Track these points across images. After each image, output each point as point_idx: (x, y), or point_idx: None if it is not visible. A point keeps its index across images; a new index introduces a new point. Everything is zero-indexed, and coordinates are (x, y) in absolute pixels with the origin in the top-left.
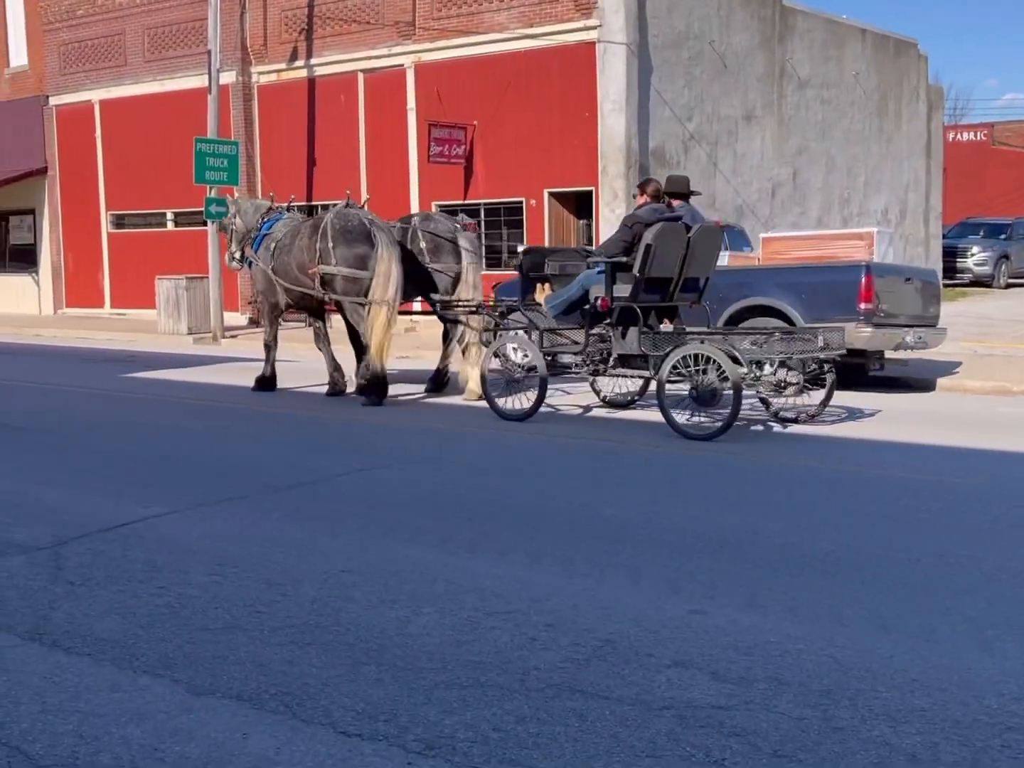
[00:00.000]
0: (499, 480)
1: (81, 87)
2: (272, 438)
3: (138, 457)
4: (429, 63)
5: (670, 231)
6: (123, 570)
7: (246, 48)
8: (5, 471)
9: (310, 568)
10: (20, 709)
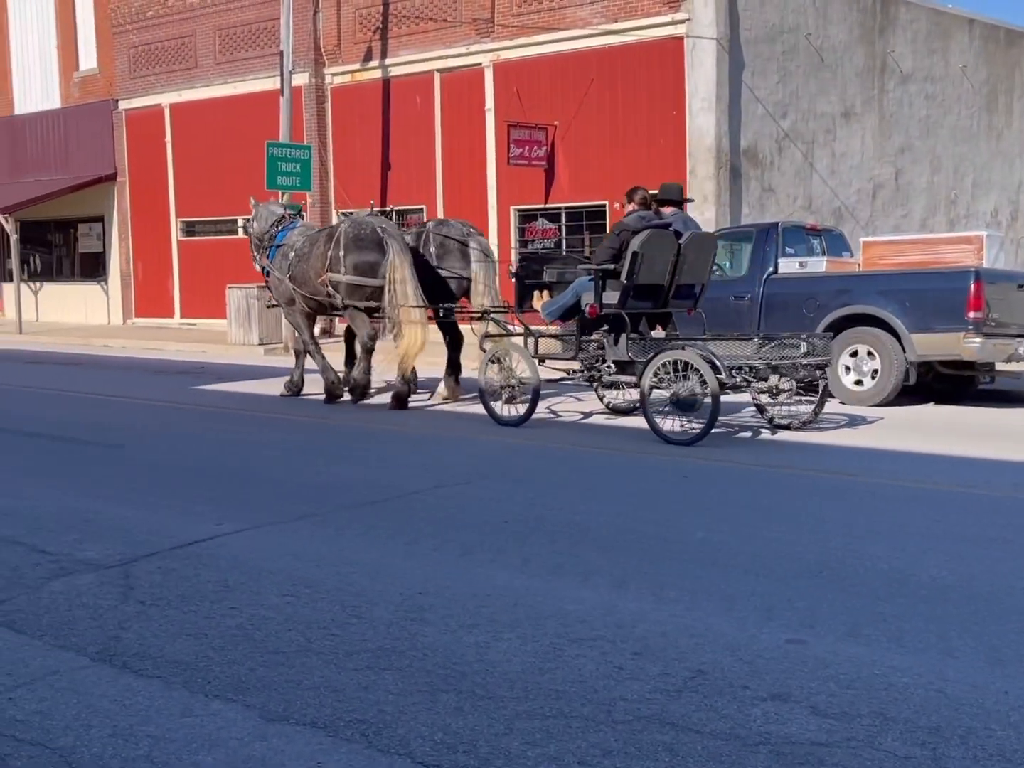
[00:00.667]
0: (581, 499)
1: (151, 90)
2: (344, 453)
3: (209, 472)
4: (508, 61)
5: (657, 238)
6: (195, 590)
7: (319, 48)
8: (74, 487)
9: (385, 589)
10: (91, 733)
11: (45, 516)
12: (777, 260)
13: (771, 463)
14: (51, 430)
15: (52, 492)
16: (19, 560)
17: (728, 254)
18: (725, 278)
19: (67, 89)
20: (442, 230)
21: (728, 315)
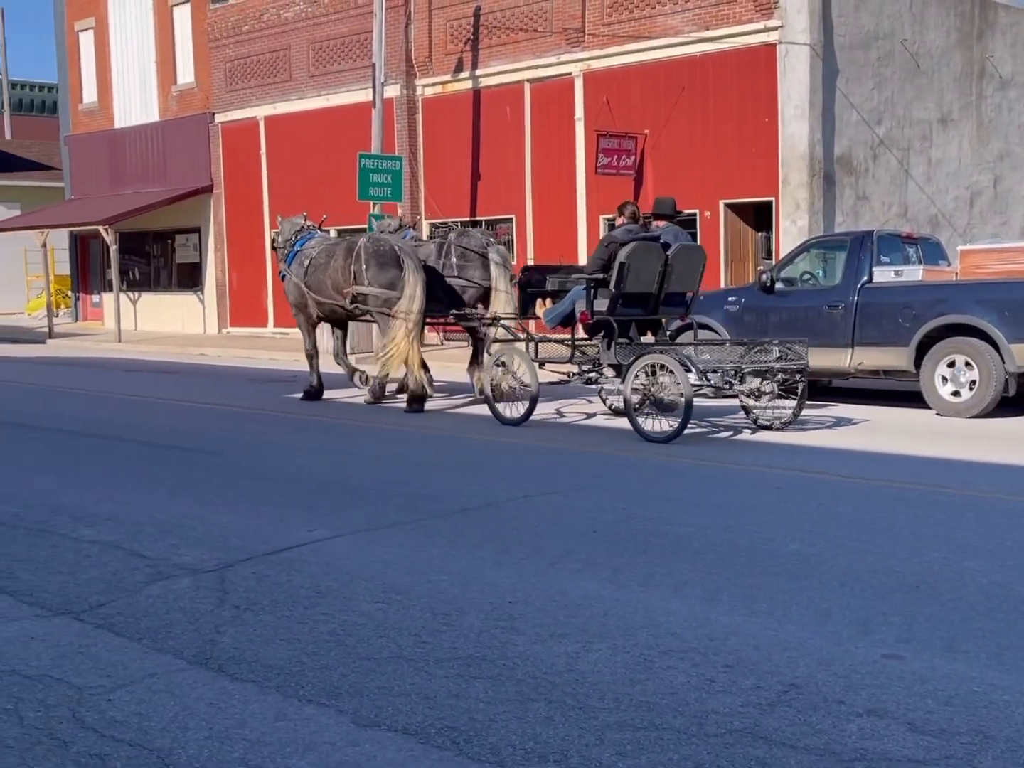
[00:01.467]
0: (672, 510)
1: (246, 103)
2: (433, 461)
3: (302, 480)
4: (598, 71)
5: (644, 250)
6: (288, 595)
7: (411, 60)
8: (172, 493)
9: (475, 598)
10: (187, 735)
11: (144, 521)
12: (872, 269)
13: (867, 476)
14: (150, 437)
15: (151, 498)
16: (119, 564)
17: (821, 263)
18: (819, 287)
19: (165, 103)
20: (462, 241)
21: (821, 324)
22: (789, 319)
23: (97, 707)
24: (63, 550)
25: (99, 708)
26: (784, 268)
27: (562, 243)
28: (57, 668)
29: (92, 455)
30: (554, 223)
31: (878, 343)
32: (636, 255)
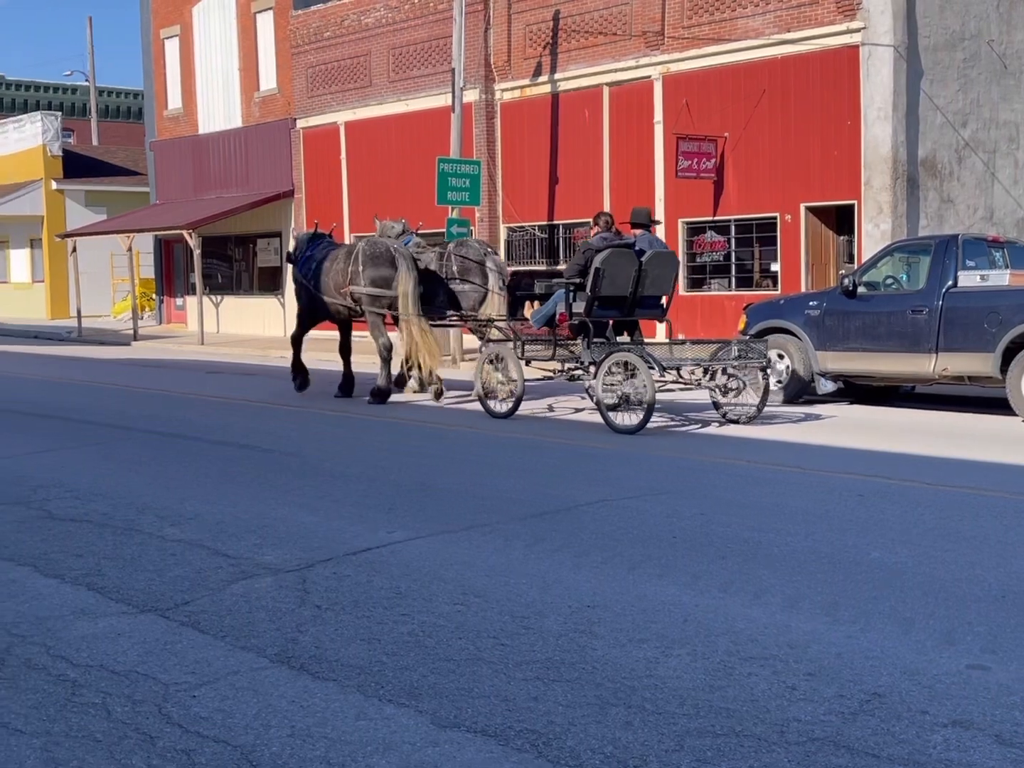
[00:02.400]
0: (751, 516)
1: (327, 109)
2: (513, 464)
3: (380, 481)
4: (678, 73)
5: (617, 256)
6: (368, 596)
7: (489, 65)
8: (254, 493)
9: (554, 601)
10: (270, 732)
11: (227, 520)
12: (957, 273)
13: (954, 484)
14: (232, 438)
15: (233, 497)
16: (203, 563)
17: (905, 267)
18: (902, 291)
19: (248, 109)
20: (461, 251)
21: (905, 329)
22: (872, 324)
23: (182, 703)
24: (149, 548)
25: (184, 704)
26: (867, 272)
27: None
28: (143, 664)
29: (176, 455)
30: None
31: (963, 348)
32: (610, 261)
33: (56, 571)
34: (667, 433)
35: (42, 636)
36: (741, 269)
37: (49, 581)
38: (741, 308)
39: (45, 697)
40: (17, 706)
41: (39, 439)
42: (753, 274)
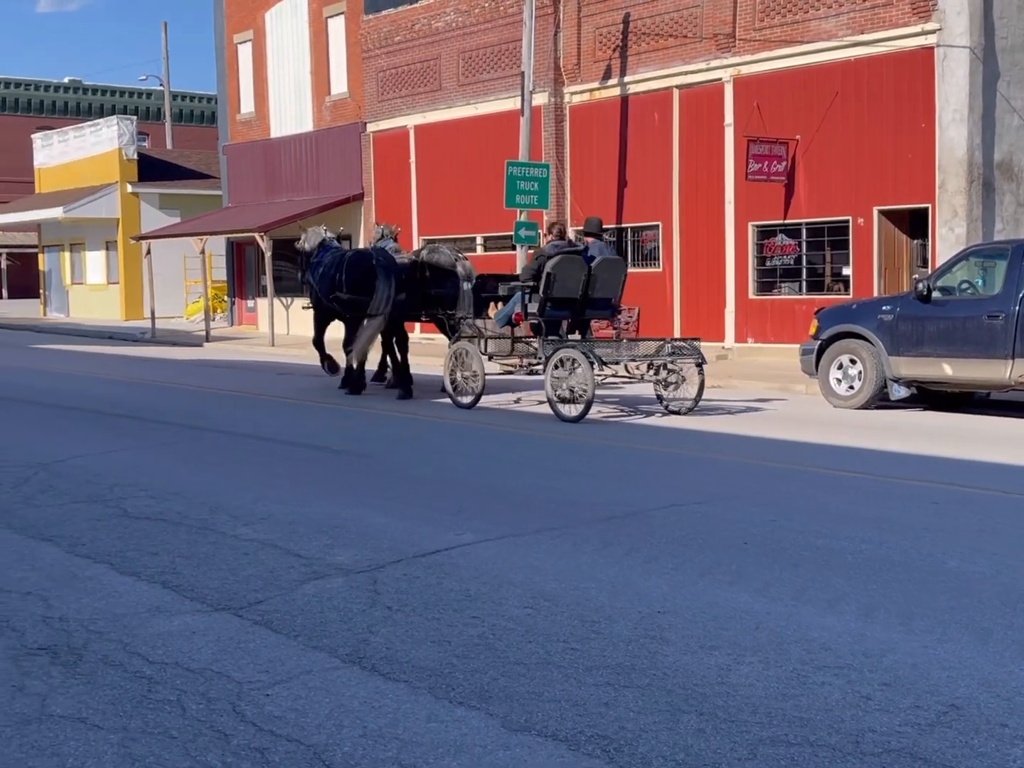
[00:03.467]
0: (825, 523)
1: (397, 113)
2: (581, 468)
3: (449, 483)
4: (749, 76)
5: (567, 262)
6: (438, 598)
7: (559, 68)
8: (325, 494)
9: (624, 606)
10: (342, 732)
11: (299, 521)
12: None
13: None
14: (305, 439)
15: (305, 498)
16: (275, 562)
17: (980, 271)
18: (978, 296)
19: (319, 113)
20: (433, 258)
21: (980, 334)
22: (946, 329)
23: (256, 702)
24: (222, 548)
25: (258, 703)
26: (941, 277)
27: (709, 250)
28: (218, 662)
29: (249, 455)
30: (701, 230)
31: None
32: (561, 266)
33: (132, 569)
34: (731, 438)
35: (119, 633)
36: (812, 273)
37: (125, 579)
38: (812, 312)
39: (122, 693)
40: (95, 702)
41: (114, 438)
42: (824, 278)
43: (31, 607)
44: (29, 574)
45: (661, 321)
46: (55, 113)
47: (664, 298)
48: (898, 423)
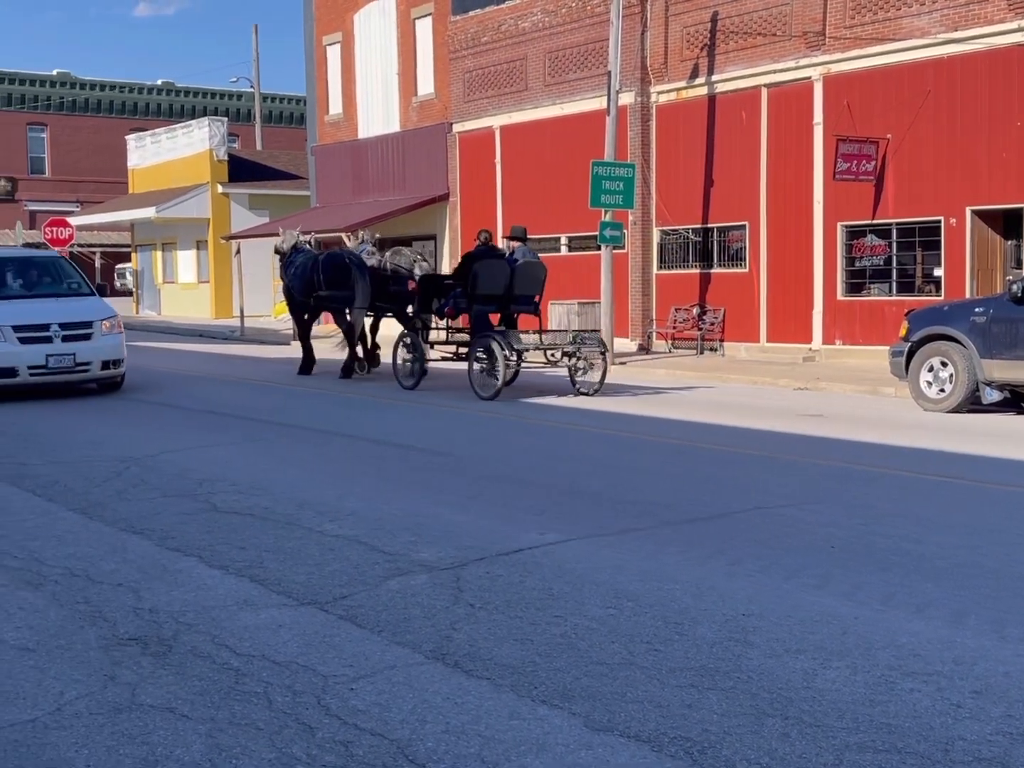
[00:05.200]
0: (914, 527)
1: (483, 113)
2: (663, 469)
3: (530, 482)
4: (839, 74)
5: (490, 264)
6: (521, 596)
7: (646, 67)
8: (409, 491)
9: (708, 608)
10: (425, 728)
11: (384, 518)
12: None
13: None
14: (389, 437)
15: (390, 495)
16: (360, 558)
17: None
18: None
19: (406, 114)
20: (395, 260)
21: None
22: None
23: (340, 695)
24: (308, 543)
25: (342, 696)
26: None
27: (797, 250)
28: (303, 656)
29: (335, 452)
30: (789, 230)
31: None
32: (484, 267)
33: (220, 562)
34: (817, 441)
35: (207, 625)
36: (902, 274)
37: (214, 572)
38: (902, 314)
39: (210, 684)
40: (184, 692)
41: (202, 433)
42: (915, 279)
43: (122, 598)
44: (120, 566)
45: (747, 322)
46: (148, 115)
47: (750, 299)
48: (990, 427)
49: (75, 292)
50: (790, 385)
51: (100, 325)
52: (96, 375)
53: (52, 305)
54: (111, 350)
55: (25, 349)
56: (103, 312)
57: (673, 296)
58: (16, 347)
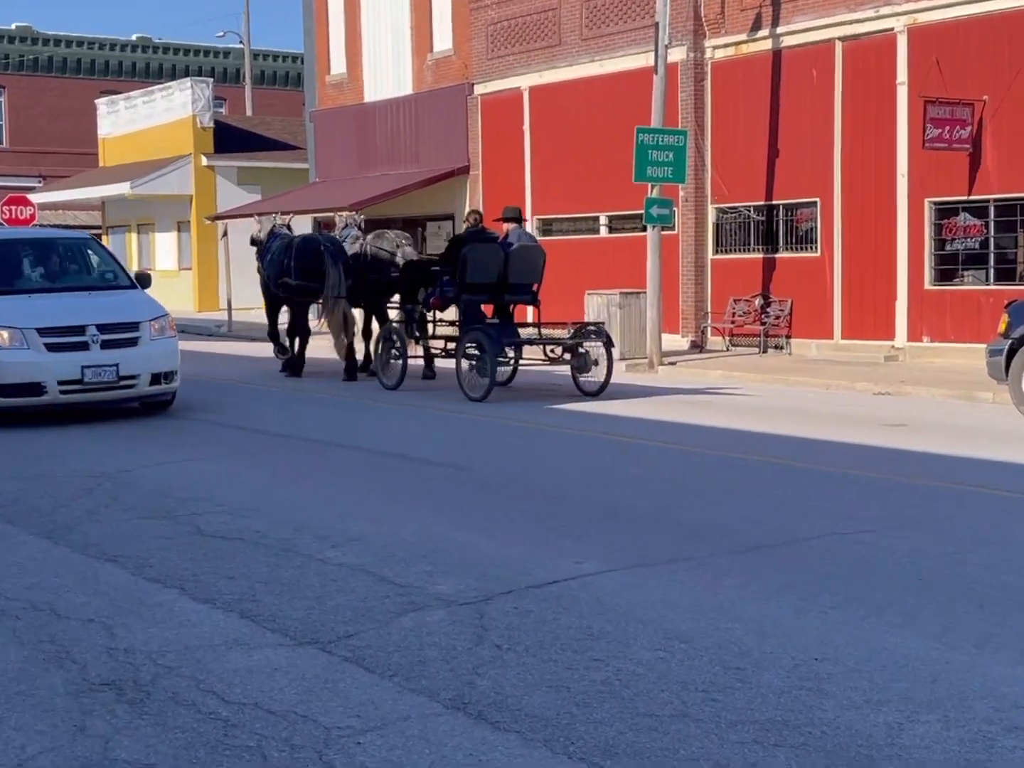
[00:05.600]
0: (1015, 557)
1: (509, 72)
2: (720, 487)
3: (563, 501)
4: (927, 25)
5: (481, 248)
6: (555, 636)
7: (699, 18)
8: (424, 512)
9: (774, 651)
10: None
11: (394, 543)
12: None
13: None
14: (398, 448)
15: (400, 516)
16: (367, 591)
17: None
18: None
19: (420, 74)
20: (377, 243)
21: None
22: None
23: (346, 750)
24: (307, 573)
25: (348, 751)
26: None
27: (877, 231)
28: (303, 704)
29: (336, 466)
30: (868, 208)
31: None
32: (474, 252)
33: (206, 595)
34: (901, 455)
35: (191, 668)
36: (1001, 259)
37: (199, 606)
38: (1001, 306)
39: (195, 737)
40: (165, 746)
41: (184, 446)
42: (1016, 265)
43: (93, 636)
44: (91, 599)
45: (817, 315)
46: (122, 76)
47: (822, 288)
48: None
49: (111, 284)
50: (868, 389)
51: (148, 327)
52: (143, 391)
53: (85, 301)
54: (163, 359)
55: (55, 359)
56: (151, 310)
57: (731, 285)
58: (43, 356)
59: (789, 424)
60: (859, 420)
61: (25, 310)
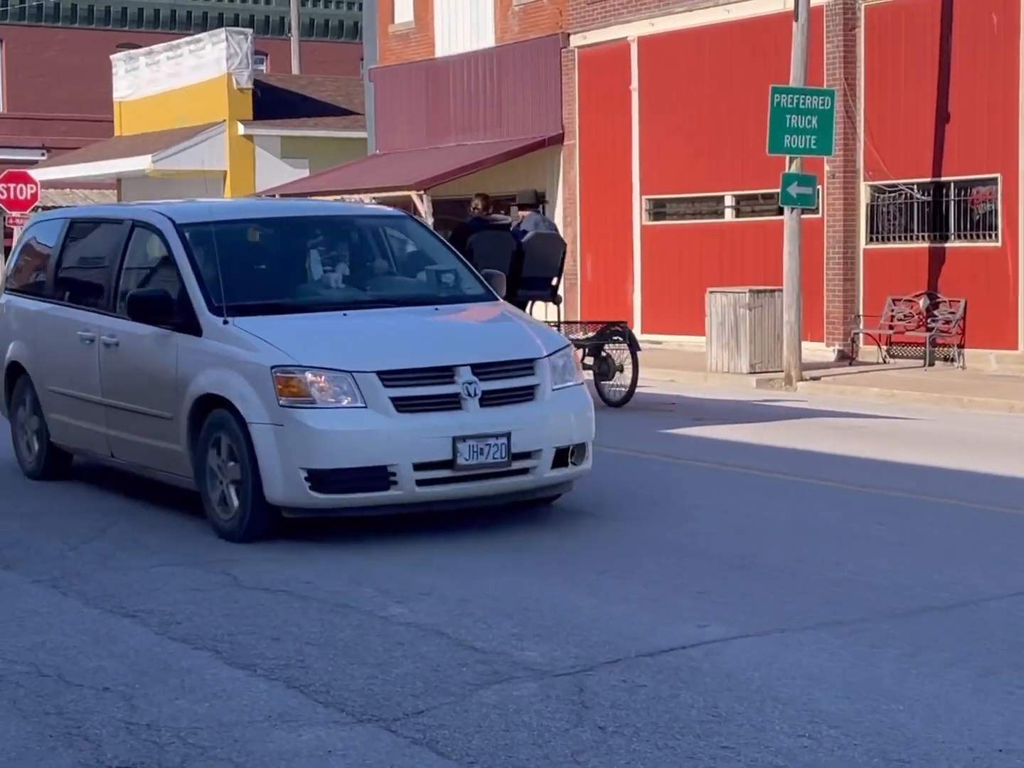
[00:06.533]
0: None
1: (613, 19)
2: (875, 534)
3: (683, 549)
4: None
5: (489, 237)
6: (672, 716)
7: None
8: (508, 561)
9: (948, 739)
10: None
11: (472, 598)
12: None
13: None
14: None
15: (481, 566)
16: (440, 657)
17: None
18: None
19: (503, 23)
20: None
21: None
22: None
23: None
24: (368, 633)
25: None
26: None
27: None
28: None
29: None
30: None
31: None
32: (481, 241)
33: (245, 660)
34: None
35: (227, 749)
36: None
37: (236, 673)
38: None
39: None
40: None
41: None
42: None
43: (110, 709)
44: (107, 662)
45: (998, 320)
46: (142, 26)
47: (1003, 286)
48: None
49: (455, 293)
50: None
51: (547, 367)
52: (544, 479)
53: (435, 324)
54: (574, 423)
55: (409, 424)
56: (544, 338)
57: (889, 282)
58: (389, 421)
59: (961, 456)
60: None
61: (345, 339)
